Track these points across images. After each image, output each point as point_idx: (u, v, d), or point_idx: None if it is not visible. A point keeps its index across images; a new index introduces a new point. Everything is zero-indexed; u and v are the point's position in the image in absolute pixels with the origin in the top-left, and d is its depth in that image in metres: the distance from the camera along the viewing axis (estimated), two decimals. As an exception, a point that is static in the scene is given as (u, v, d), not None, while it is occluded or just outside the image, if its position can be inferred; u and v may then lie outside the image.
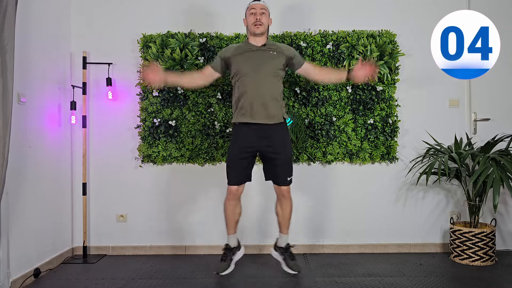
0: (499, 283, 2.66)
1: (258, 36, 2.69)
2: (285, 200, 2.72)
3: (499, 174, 2.79)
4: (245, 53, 2.68)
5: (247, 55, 2.67)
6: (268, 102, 2.59)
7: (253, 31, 2.68)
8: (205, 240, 3.37)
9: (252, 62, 2.64)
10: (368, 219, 3.39)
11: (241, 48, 2.72)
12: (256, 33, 2.67)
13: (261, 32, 2.67)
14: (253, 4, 2.70)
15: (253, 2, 2.71)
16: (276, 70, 2.65)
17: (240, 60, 2.66)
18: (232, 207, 2.71)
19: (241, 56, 2.67)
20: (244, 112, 2.61)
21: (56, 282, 2.75)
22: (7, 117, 2.30)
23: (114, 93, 3.34)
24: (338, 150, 3.32)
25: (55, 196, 3.10)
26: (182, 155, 3.32)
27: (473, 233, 3.01)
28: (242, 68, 2.64)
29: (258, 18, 2.65)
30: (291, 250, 2.80)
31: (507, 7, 3.42)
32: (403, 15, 3.40)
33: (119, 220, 3.39)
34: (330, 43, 3.31)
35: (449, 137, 3.34)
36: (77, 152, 3.35)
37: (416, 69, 3.38)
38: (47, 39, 3.03)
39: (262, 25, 2.66)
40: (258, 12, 2.66)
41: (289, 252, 2.79)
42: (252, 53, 2.67)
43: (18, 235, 2.63)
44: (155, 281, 2.73)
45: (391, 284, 2.63)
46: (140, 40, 3.31)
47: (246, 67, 2.63)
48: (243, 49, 2.70)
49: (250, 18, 2.69)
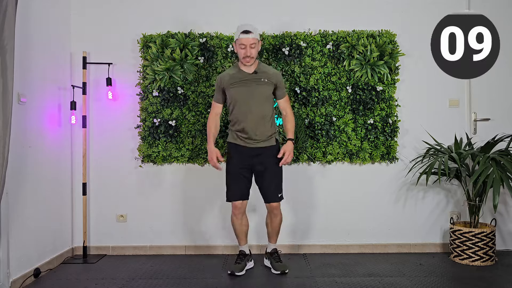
0: (499, 283, 2.66)
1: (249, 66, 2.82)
2: (276, 215, 2.91)
3: (499, 174, 2.79)
4: (238, 83, 2.80)
5: (240, 85, 2.80)
6: (261, 126, 2.78)
7: (243, 63, 2.80)
8: (205, 240, 3.37)
9: (245, 92, 2.78)
10: (368, 219, 3.39)
11: (235, 77, 2.82)
12: (247, 65, 2.81)
13: (251, 64, 2.81)
14: (242, 39, 2.72)
15: (243, 35, 2.72)
16: (267, 95, 2.84)
17: (234, 91, 2.80)
18: (239, 221, 2.91)
19: (235, 86, 2.80)
20: (239, 136, 2.81)
21: (56, 282, 2.75)
22: (7, 117, 2.30)
23: (114, 93, 3.34)
24: (338, 150, 3.32)
25: (55, 196, 3.10)
26: (182, 155, 3.32)
27: (473, 233, 3.01)
28: (236, 98, 2.80)
29: (248, 54, 2.74)
30: (277, 254, 2.98)
31: (507, 7, 3.42)
32: (403, 15, 3.40)
33: (119, 220, 3.39)
34: (330, 43, 3.31)
35: (449, 137, 3.34)
36: (77, 152, 3.35)
37: (416, 69, 3.38)
38: (47, 39, 3.03)
39: (252, 58, 2.77)
40: (248, 46, 2.72)
41: (275, 255, 2.97)
42: (244, 84, 2.79)
43: (18, 235, 2.63)
44: (155, 281, 2.73)
45: (391, 284, 2.63)
46: (140, 40, 3.31)
47: (240, 96, 2.79)
48: (236, 78, 2.81)
49: (240, 51, 2.77)
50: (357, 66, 3.29)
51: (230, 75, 2.84)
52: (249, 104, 2.76)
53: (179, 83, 3.29)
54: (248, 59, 2.75)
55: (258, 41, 2.79)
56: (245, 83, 2.79)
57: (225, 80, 2.83)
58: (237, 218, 2.88)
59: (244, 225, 2.93)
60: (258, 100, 2.78)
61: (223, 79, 2.84)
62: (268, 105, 2.84)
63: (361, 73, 3.29)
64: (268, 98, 2.83)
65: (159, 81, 3.27)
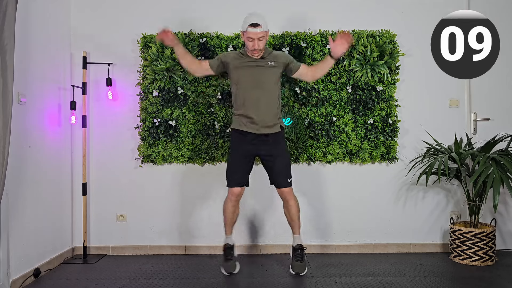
0: (499, 283, 2.66)
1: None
2: (289, 201, 2.82)
3: (499, 174, 2.79)
4: (245, 66, 2.75)
5: (247, 68, 2.75)
6: (266, 115, 2.73)
7: (251, 55, 2.74)
8: (205, 240, 3.37)
9: (252, 77, 2.74)
10: (368, 219, 3.39)
11: (242, 60, 2.77)
12: (255, 57, 2.74)
13: (259, 56, 2.75)
14: (250, 32, 2.64)
15: (251, 28, 2.64)
16: (275, 79, 2.78)
17: (241, 73, 2.76)
18: (232, 208, 2.83)
19: (242, 69, 2.76)
20: (244, 122, 2.75)
21: (56, 282, 2.75)
22: (7, 117, 2.30)
23: (114, 93, 3.34)
24: (338, 150, 3.32)
25: (55, 196, 3.10)
26: (182, 155, 3.32)
27: (473, 233, 3.01)
28: (243, 81, 2.75)
29: (256, 47, 2.68)
30: (301, 251, 2.84)
31: (507, 7, 3.42)
32: (403, 15, 3.40)
33: (119, 220, 3.39)
34: (330, 43, 3.31)
35: (449, 137, 3.34)
36: (77, 152, 3.35)
37: (416, 69, 3.38)
38: (47, 39, 3.03)
39: (261, 50, 2.72)
40: (256, 39, 2.66)
41: (297, 253, 2.84)
42: (252, 68, 2.74)
43: (18, 235, 2.63)
44: (155, 281, 2.73)
45: (391, 284, 2.63)
46: (140, 40, 3.31)
47: (247, 81, 2.74)
48: (244, 62, 2.76)
49: (248, 43, 2.70)
50: (357, 66, 3.29)
51: (236, 55, 2.78)
52: (255, 88, 2.71)
53: (179, 83, 3.29)
54: (256, 52, 2.70)
55: (266, 32, 2.71)
56: (252, 67, 2.73)
57: (230, 56, 2.78)
58: (232, 205, 2.81)
59: (236, 215, 2.87)
60: (265, 85, 2.73)
61: (229, 54, 2.80)
62: (275, 90, 2.78)
63: (361, 73, 3.29)
64: (275, 83, 2.77)
65: (159, 81, 3.27)
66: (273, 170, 2.79)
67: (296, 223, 2.87)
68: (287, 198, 2.81)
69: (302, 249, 2.85)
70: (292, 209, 2.83)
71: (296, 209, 2.85)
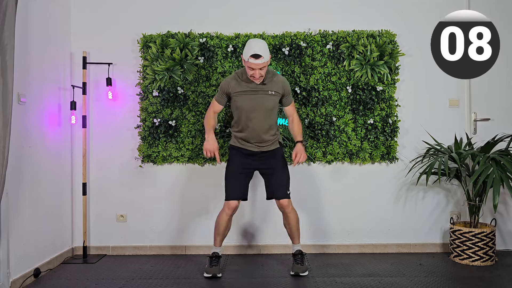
0: (499, 283, 2.66)
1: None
2: (289, 214, 2.84)
3: (499, 174, 2.79)
4: (246, 93, 2.77)
5: (248, 95, 2.76)
6: (266, 136, 2.80)
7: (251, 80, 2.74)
8: (205, 240, 3.37)
9: (253, 102, 2.75)
10: (368, 219, 3.39)
11: (242, 86, 2.77)
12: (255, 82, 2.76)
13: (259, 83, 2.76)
14: (251, 63, 2.62)
15: (252, 59, 2.61)
16: (273, 105, 2.81)
17: (240, 100, 2.77)
18: (226, 221, 2.84)
19: (243, 96, 2.77)
20: (244, 143, 2.82)
21: (56, 282, 2.75)
22: (7, 117, 2.30)
23: (114, 93, 3.33)
24: (338, 150, 3.32)
25: (55, 196, 3.10)
26: (182, 155, 3.32)
27: (473, 233, 3.01)
28: (244, 106, 2.76)
29: (256, 76, 2.68)
30: (301, 256, 2.89)
31: (507, 7, 3.42)
32: (403, 15, 3.40)
33: (119, 220, 3.39)
34: (330, 43, 3.31)
35: (449, 137, 3.34)
36: (77, 152, 3.35)
37: (416, 69, 3.38)
38: (47, 39, 3.03)
39: (262, 77, 2.72)
40: (257, 69, 2.65)
41: (298, 257, 2.88)
42: (252, 95, 2.76)
43: (18, 235, 2.63)
44: (155, 281, 2.73)
45: (391, 284, 2.63)
46: (140, 40, 3.31)
47: (246, 108, 2.76)
48: (244, 87, 2.77)
49: (248, 71, 2.69)
50: (357, 66, 3.29)
51: (237, 82, 2.79)
52: (254, 114, 2.75)
53: (179, 83, 3.29)
54: (257, 79, 2.71)
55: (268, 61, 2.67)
56: (252, 93, 2.76)
57: (231, 86, 2.80)
58: (227, 219, 2.81)
59: (228, 229, 2.89)
60: (264, 112, 2.76)
61: (230, 84, 2.80)
62: (273, 116, 2.84)
63: (361, 73, 3.29)
64: (273, 109, 2.82)
65: (159, 81, 3.27)
66: (272, 181, 2.83)
67: (296, 234, 2.91)
68: (286, 211, 2.83)
69: (302, 254, 2.89)
70: (292, 221, 2.86)
71: (296, 221, 2.88)
